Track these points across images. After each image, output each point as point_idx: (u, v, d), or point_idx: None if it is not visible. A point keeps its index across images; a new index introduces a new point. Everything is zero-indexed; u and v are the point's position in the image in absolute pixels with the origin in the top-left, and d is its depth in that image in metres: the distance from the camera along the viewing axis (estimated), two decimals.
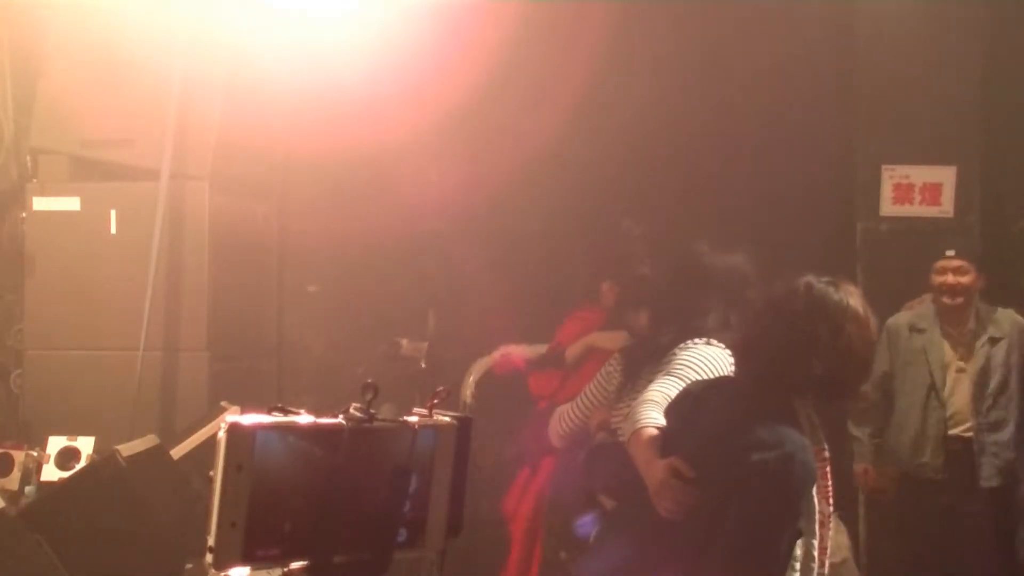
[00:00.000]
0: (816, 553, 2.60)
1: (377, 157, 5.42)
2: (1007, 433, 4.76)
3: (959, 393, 4.82)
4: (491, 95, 5.40)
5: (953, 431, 4.80)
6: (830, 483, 2.63)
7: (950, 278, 4.82)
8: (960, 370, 4.84)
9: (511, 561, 4.45)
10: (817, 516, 2.60)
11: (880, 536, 5.43)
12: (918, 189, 5.55)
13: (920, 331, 4.89)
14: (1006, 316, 4.85)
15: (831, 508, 2.64)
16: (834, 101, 5.77)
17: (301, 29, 5.01)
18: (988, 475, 4.75)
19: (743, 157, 5.64)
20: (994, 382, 4.78)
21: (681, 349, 3.10)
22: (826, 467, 2.62)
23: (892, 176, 5.57)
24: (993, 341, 4.81)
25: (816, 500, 2.59)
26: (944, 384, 4.83)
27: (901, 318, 4.98)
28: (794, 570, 2.58)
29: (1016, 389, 4.78)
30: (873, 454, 4.98)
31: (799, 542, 2.58)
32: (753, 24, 5.56)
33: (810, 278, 2.63)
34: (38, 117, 5.06)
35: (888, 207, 5.57)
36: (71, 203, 4.96)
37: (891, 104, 5.57)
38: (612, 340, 4.16)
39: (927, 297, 4.96)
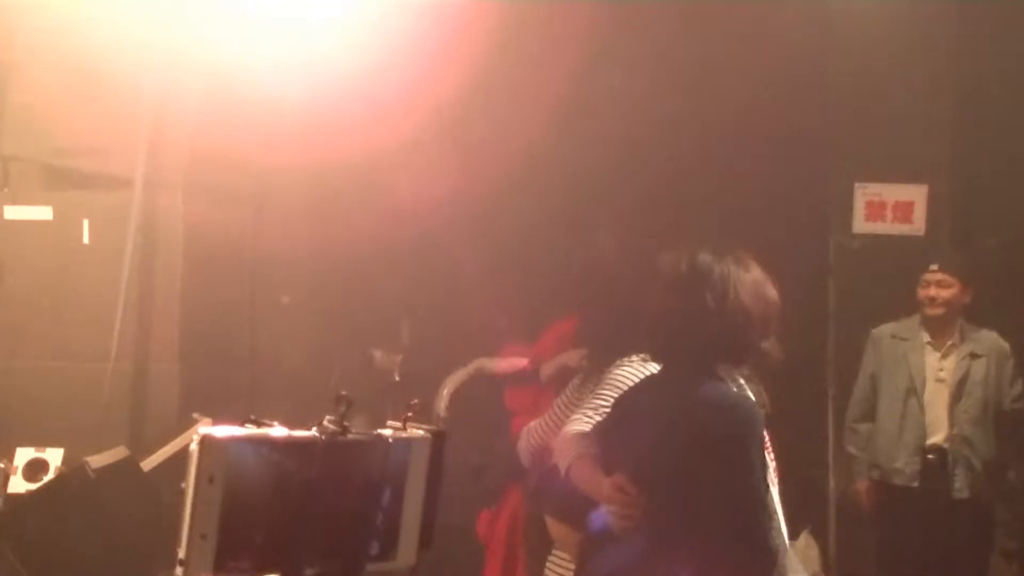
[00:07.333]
0: (778, 505, 2.68)
1: (352, 167, 5.39)
2: (981, 448, 4.82)
3: (938, 402, 4.88)
4: (474, 102, 5.38)
5: (931, 439, 4.86)
6: (768, 437, 2.71)
7: (932, 290, 4.91)
8: (940, 380, 4.91)
9: None
10: (771, 466, 2.69)
11: (851, 551, 5.45)
12: (890, 207, 5.61)
13: (903, 339, 4.99)
14: (988, 336, 4.94)
15: (774, 460, 2.73)
16: (807, 120, 5.81)
17: (277, 36, 4.99)
18: (960, 486, 4.80)
19: (717, 172, 5.66)
20: (972, 396, 4.85)
21: (616, 367, 3.05)
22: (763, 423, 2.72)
23: (864, 194, 5.63)
24: (974, 356, 4.89)
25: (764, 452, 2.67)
26: (924, 390, 4.89)
27: (885, 328, 5.07)
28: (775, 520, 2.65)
29: (993, 408, 4.85)
30: (871, 470, 5.02)
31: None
32: (727, 42, 5.58)
33: (692, 252, 2.73)
34: (10, 125, 5.02)
35: (860, 224, 5.63)
36: (43, 212, 4.92)
37: (863, 123, 5.62)
38: (583, 358, 4.12)
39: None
